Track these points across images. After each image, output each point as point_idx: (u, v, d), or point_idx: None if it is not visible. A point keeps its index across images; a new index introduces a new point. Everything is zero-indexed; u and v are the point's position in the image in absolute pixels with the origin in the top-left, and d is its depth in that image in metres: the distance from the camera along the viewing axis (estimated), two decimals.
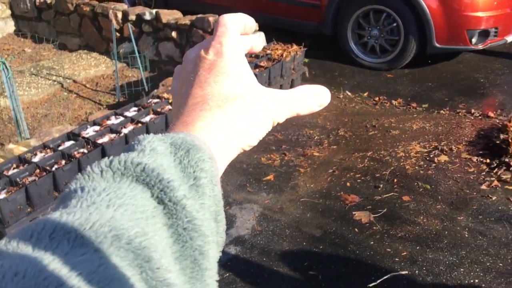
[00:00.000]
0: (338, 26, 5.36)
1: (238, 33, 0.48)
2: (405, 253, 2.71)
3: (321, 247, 2.82)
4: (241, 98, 0.45)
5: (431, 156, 3.56)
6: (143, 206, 0.35)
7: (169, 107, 3.69)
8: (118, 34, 6.00)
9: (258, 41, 0.52)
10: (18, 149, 3.41)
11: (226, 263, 2.75)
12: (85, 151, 3.23)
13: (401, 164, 3.51)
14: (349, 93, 4.84)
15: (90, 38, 6.67)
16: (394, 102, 4.61)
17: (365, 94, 4.81)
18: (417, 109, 4.46)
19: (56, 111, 5.02)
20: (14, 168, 3.07)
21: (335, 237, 2.89)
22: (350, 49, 5.35)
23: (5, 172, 2.99)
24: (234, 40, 0.47)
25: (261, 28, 5.23)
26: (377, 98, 4.70)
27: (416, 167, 3.45)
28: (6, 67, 3.67)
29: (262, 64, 4.41)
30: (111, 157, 0.38)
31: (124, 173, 0.36)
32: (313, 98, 0.49)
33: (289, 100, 0.48)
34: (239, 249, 2.85)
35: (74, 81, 5.71)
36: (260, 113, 0.46)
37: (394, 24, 5.03)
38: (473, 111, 4.28)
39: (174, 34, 5.68)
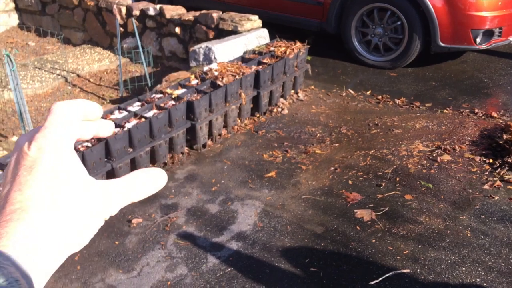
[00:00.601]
0: (342, 24, 5.35)
1: (70, 123, 0.43)
2: (407, 252, 2.71)
3: (322, 244, 2.82)
4: (66, 200, 0.41)
5: (434, 155, 3.55)
6: None
7: (172, 102, 3.70)
8: (122, 29, 6.00)
9: (106, 127, 0.48)
10: None
11: (228, 258, 2.76)
12: (89, 145, 3.24)
13: (404, 162, 3.51)
14: (352, 91, 4.84)
15: (94, 32, 6.67)
16: (397, 101, 4.61)
17: (368, 93, 4.81)
18: (420, 108, 4.46)
19: None
20: None
21: (337, 234, 2.89)
22: (354, 47, 5.34)
23: None
24: (60, 132, 0.43)
25: (264, 25, 5.23)
26: (380, 97, 4.70)
27: (419, 166, 3.45)
28: (10, 60, 3.68)
29: (265, 61, 4.41)
30: None
31: None
32: (148, 183, 0.46)
33: (122, 190, 0.44)
34: (240, 244, 2.85)
35: (78, 76, 5.71)
36: (88, 212, 0.42)
37: (399, 23, 5.02)
38: (476, 111, 4.27)
39: (177, 29, 5.68)
